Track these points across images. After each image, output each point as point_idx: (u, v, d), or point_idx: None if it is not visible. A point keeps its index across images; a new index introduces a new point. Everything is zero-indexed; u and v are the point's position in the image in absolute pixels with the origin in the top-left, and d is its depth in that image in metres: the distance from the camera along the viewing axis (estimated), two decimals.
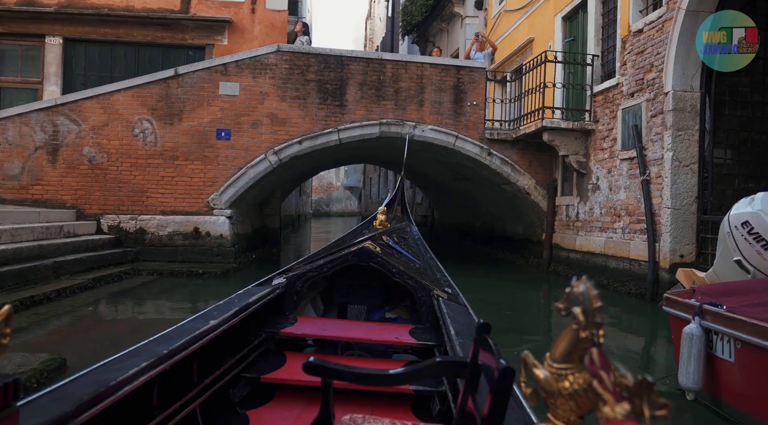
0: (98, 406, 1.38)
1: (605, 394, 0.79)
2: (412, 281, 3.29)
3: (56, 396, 1.35)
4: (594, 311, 0.87)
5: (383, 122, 10.87)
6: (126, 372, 1.55)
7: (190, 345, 1.95)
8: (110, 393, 1.44)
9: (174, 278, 8.95)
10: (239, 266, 10.24)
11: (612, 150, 9.24)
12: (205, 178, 10.29)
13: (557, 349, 0.95)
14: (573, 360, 0.92)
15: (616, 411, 0.75)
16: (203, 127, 10.31)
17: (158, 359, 1.72)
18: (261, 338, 2.92)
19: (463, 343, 2.11)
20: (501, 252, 14.26)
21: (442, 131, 11.07)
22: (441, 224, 20.70)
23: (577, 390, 0.90)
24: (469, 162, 11.76)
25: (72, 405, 1.29)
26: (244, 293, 2.95)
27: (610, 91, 9.36)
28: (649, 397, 0.73)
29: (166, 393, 1.91)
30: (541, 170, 11.53)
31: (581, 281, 0.90)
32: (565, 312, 0.91)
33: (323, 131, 10.66)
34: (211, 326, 2.18)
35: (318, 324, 3.35)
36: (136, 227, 10.02)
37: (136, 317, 6.92)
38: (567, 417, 0.92)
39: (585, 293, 0.88)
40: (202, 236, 10.13)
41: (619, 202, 8.96)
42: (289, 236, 21.41)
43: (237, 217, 10.75)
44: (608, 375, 0.81)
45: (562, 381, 0.92)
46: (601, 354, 0.84)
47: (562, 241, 10.96)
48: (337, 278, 3.81)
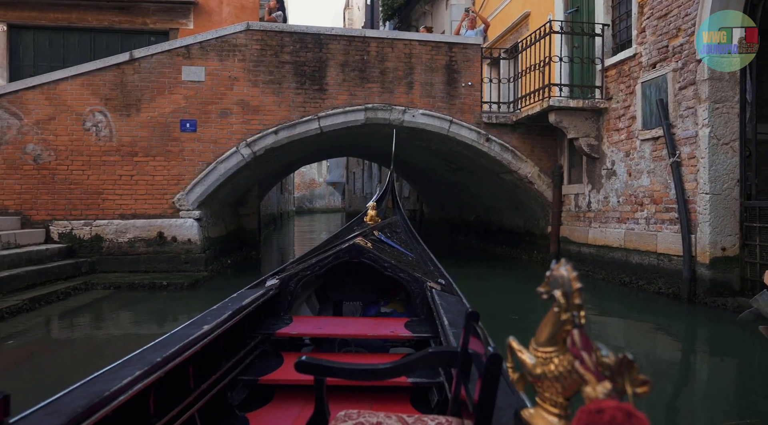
0: (93, 417, 1.37)
1: (587, 374, 0.81)
2: (404, 275, 3.29)
3: (49, 410, 1.32)
4: (574, 293, 0.88)
5: (369, 107, 9.70)
6: (120, 381, 1.53)
7: (184, 351, 1.94)
8: (104, 403, 1.43)
9: (134, 292, 7.72)
10: (211, 274, 9.02)
11: (630, 130, 8.16)
12: (169, 176, 9.06)
13: (541, 333, 0.95)
14: (557, 343, 0.92)
15: (598, 390, 0.77)
16: (165, 118, 9.06)
17: (152, 367, 1.70)
18: (257, 340, 2.91)
19: (456, 333, 2.11)
20: (499, 247, 13.20)
21: (434, 116, 9.93)
22: (430, 218, 19.58)
23: (562, 373, 0.90)
24: (464, 150, 10.64)
25: (66, 418, 1.28)
26: (237, 296, 2.93)
27: (626, 64, 8.28)
28: (631, 375, 0.74)
29: (163, 401, 1.89)
30: (545, 156, 10.45)
31: (561, 264, 0.91)
32: (546, 295, 0.93)
33: (301, 118, 9.46)
34: (204, 331, 2.17)
35: (314, 322, 3.26)
36: (91, 234, 8.76)
37: (84, 343, 5.60)
38: (554, 399, 0.93)
39: (565, 276, 0.89)
40: (168, 241, 8.90)
41: (641, 188, 7.89)
42: (270, 236, 20.14)
43: (208, 218, 9.54)
44: (590, 355, 0.82)
45: (547, 365, 0.93)
46: (583, 335, 0.85)
47: (572, 234, 9.90)
48: (330, 276, 3.80)
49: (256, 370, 2.69)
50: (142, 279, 8.02)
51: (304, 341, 3.28)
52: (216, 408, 2.33)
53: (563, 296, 0.89)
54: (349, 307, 3.90)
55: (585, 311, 0.88)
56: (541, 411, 0.96)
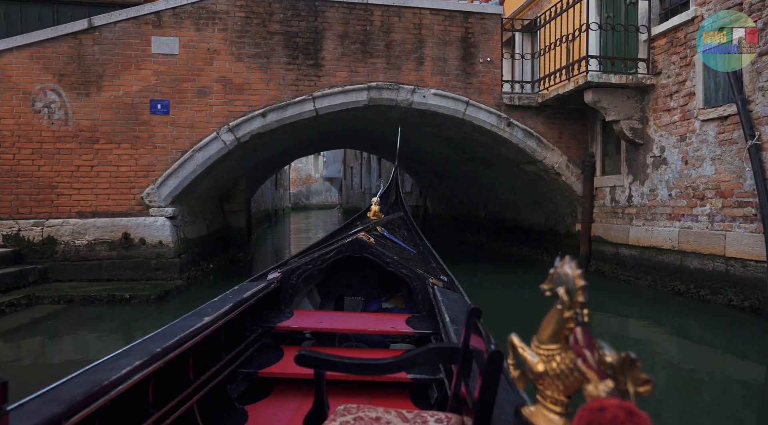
0: (91, 406, 1.35)
1: (589, 372, 0.79)
2: (407, 271, 3.26)
3: (48, 397, 1.30)
4: (577, 290, 0.85)
5: (372, 86, 8.32)
6: (119, 371, 1.51)
7: (184, 342, 1.92)
8: (103, 392, 1.41)
9: (88, 308, 6.33)
10: (187, 282, 7.64)
11: (686, 109, 6.81)
12: (137, 166, 7.66)
13: (544, 331, 0.93)
14: (559, 341, 0.90)
15: (600, 388, 0.75)
16: (131, 98, 7.67)
17: (152, 357, 1.68)
18: (257, 333, 2.87)
19: (457, 330, 2.08)
20: (515, 247, 11.85)
21: (448, 96, 8.55)
22: (435, 214, 18.19)
23: (564, 371, 0.88)
24: (481, 137, 9.28)
25: (64, 406, 1.26)
26: (238, 289, 2.92)
27: (680, 31, 6.91)
28: (633, 374, 0.72)
29: (162, 392, 1.86)
30: (574, 143, 9.10)
31: (565, 261, 0.89)
32: (549, 292, 0.90)
33: (294, 99, 8.07)
34: (205, 322, 2.14)
35: (315, 316, 3.20)
36: (42, 236, 7.36)
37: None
38: (555, 397, 0.91)
39: (569, 274, 0.86)
40: (135, 244, 7.50)
41: (702, 179, 6.55)
42: (264, 235, 18.72)
43: (184, 216, 8.15)
44: (592, 353, 0.79)
45: (549, 363, 0.90)
46: (585, 333, 0.83)
47: (607, 233, 8.55)
48: (332, 270, 3.77)
49: (256, 363, 2.67)
50: (99, 291, 6.62)
51: (305, 335, 3.26)
52: (215, 400, 2.32)
53: (567, 293, 0.86)
54: (351, 302, 3.87)
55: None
56: (542, 408, 0.93)
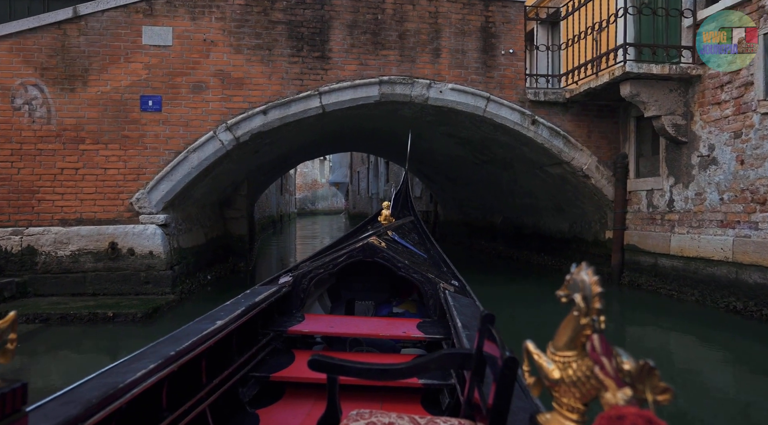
0: (107, 409, 1.36)
1: (607, 380, 0.78)
2: (418, 275, 3.26)
3: (65, 400, 1.32)
4: (594, 297, 0.84)
5: (384, 80, 7.58)
6: (134, 374, 1.52)
7: (197, 345, 1.93)
8: (119, 395, 1.42)
9: (66, 328, 5.58)
10: (181, 296, 6.90)
11: (741, 102, 6.03)
12: (126, 169, 6.95)
13: (559, 337, 0.91)
14: (575, 348, 0.88)
15: (618, 396, 0.74)
16: (120, 94, 6.96)
17: (166, 360, 1.69)
18: (269, 337, 2.88)
19: (469, 335, 2.08)
20: (535, 255, 11.06)
21: (467, 91, 7.80)
22: (447, 220, 17.40)
23: (580, 378, 0.87)
24: (502, 136, 8.52)
25: (81, 408, 1.28)
26: (250, 293, 2.94)
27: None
28: (652, 382, 0.71)
29: (175, 395, 1.87)
30: (604, 142, 8.33)
31: (581, 268, 0.87)
32: (565, 299, 0.89)
33: (298, 94, 7.35)
34: (218, 326, 2.15)
35: (326, 321, 3.17)
36: (21, 246, 6.65)
37: None
38: (571, 405, 0.89)
39: (585, 280, 0.85)
40: (123, 255, 6.78)
41: (762, 180, 5.76)
42: (268, 242, 17.97)
43: (178, 224, 7.43)
44: (610, 360, 0.79)
45: (565, 370, 0.89)
46: (603, 340, 0.83)
47: (643, 241, 7.76)
48: (343, 274, 3.83)
49: (268, 367, 2.67)
50: (80, 308, 5.88)
51: (316, 339, 3.25)
52: (227, 403, 2.32)
53: (583, 300, 0.85)
54: (362, 306, 3.87)
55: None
56: (558, 416, 0.91)
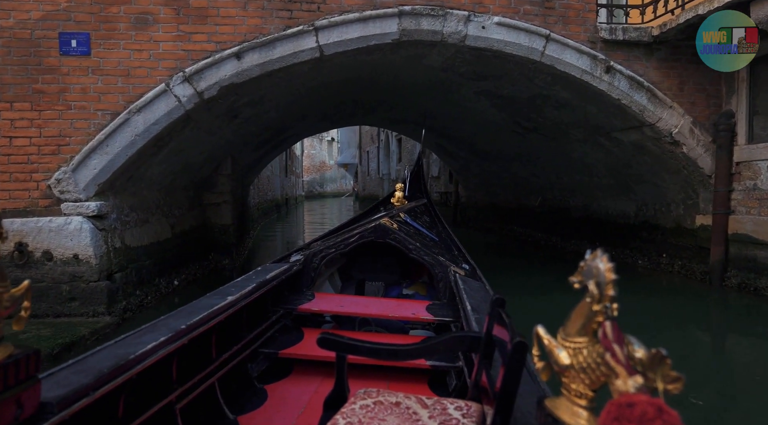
0: (118, 379, 1.39)
1: (618, 367, 0.78)
2: (429, 258, 3.29)
3: (77, 368, 1.34)
4: (608, 284, 0.83)
5: (406, 11, 5.45)
6: (145, 346, 1.55)
7: (208, 320, 1.97)
8: (129, 366, 1.45)
9: None
10: (123, 317, 4.85)
11: None
12: (41, 138, 4.90)
13: (571, 323, 0.92)
14: (587, 334, 0.89)
15: (629, 384, 0.74)
16: (30, 29, 4.89)
17: (176, 333, 1.72)
18: (279, 314, 2.91)
19: (479, 318, 2.07)
20: (587, 244, 8.92)
21: (519, 27, 5.66)
22: (470, 203, 15.24)
23: (591, 364, 0.87)
24: (562, 91, 6.39)
25: (92, 377, 1.30)
26: (261, 270, 2.94)
27: None
28: (663, 370, 0.71)
29: (185, 368, 1.89)
30: (701, 98, 6.19)
31: (595, 254, 0.86)
32: (578, 285, 0.89)
33: (286, 30, 5.24)
34: (228, 301, 2.17)
35: (335, 300, 3.19)
36: None
37: None
38: (580, 391, 0.90)
39: (600, 267, 0.84)
40: (36, 260, 4.75)
41: None
42: (269, 229, 15.84)
43: (123, 214, 5.37)
44: (621, 348, 0.79)
45: (575, 356, 0.89)
46: (615, 327, 0.82)
47: (758, 230, 5.66)
48: (354, 255, 3.87)
49: (277, 344, 2.70)
50: None
51: (325, 318, 3.27)
52: (236, 378, 2.34)
53: (597, 287, 0.85)
54: (372, 287, 3.83)
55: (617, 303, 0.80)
56: (566, 401, 0.91)
